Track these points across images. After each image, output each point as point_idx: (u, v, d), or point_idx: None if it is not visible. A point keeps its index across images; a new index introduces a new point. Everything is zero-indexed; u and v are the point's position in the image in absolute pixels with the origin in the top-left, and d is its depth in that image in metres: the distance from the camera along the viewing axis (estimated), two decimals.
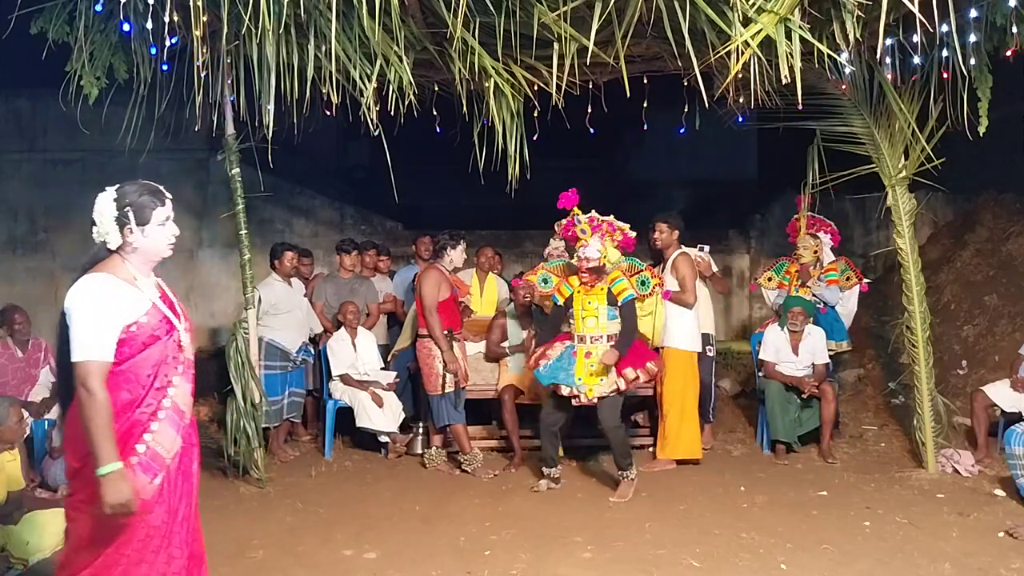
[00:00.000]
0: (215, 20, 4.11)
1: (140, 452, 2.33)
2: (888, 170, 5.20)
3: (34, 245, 7.92)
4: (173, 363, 2.43)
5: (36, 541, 3.80)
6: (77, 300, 2.31)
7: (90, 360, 2.25)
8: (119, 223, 2.40)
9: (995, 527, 4.21)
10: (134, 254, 2.44)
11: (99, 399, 2.24)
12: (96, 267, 2.40)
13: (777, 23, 3.40)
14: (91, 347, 2.26)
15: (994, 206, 7.54)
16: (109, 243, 2.41)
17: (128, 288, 2.38)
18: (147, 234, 2.44)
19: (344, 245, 6.48)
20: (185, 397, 2.46)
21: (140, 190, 2.45)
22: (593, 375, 4.77)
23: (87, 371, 2.24)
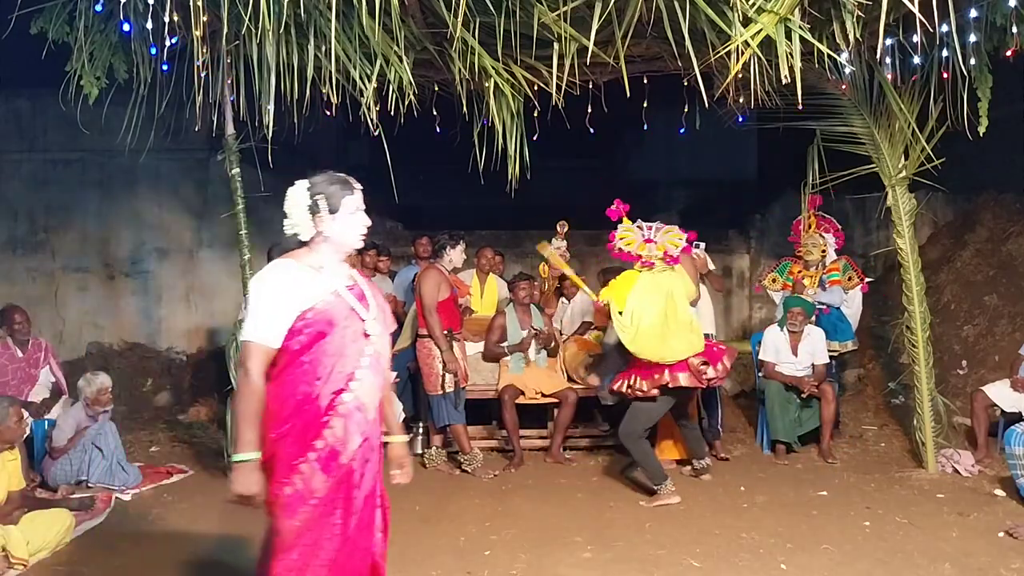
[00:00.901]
0: (215, 20, 4.11)
1: (318, 448, 2.27)
2: (888, 170, 5.20)
3: (34, 245, 7.91)
4: (356, 356, 2.36)
5: (36, 541, 3.80)
6: (255, 285, 2.33)
7: (254, 342, 2.25)
8: (311, 211, 2.40)
9: (995, 527, 4.21)
10: (325, 243, 2.43)
11: (254, 382, 2.23)
12: (288, 255, 2.42)
13: (777, 23, 3.41)
14: (257, 329, 2.25)
15: (994, 206, 7.54)
16: (301, 234, 2.41)
17: (309, 274, 2.35)
18: (338, 222, 2.44)
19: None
20: (371, 392, 2.39)
21: (330, 179, 2.48)
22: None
23: (248, 352, 2.24)
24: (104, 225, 7.95)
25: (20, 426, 4.19)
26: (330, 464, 2.28)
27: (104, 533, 4.29)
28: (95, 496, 4.74)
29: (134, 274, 7.99)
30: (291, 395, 2.26)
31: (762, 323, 7.77)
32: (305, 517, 2.26)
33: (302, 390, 2.28)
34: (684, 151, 9.95)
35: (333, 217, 2.42)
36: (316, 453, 2.26)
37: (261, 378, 2.24)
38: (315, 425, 2.28)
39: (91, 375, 5.34)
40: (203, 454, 5.82)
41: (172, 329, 8.02)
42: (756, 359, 6.17)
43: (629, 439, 4.85)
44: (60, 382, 5.75)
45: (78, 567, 3.79)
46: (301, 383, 2.28)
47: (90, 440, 5.01)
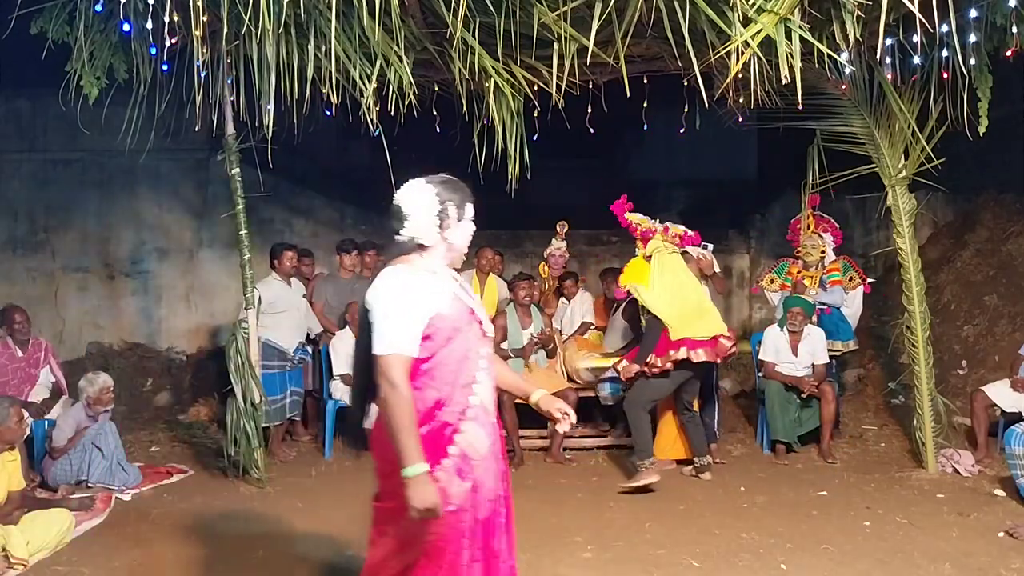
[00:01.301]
0: (215, 20, 4.11)
1: (452, 454, 2.24)
2: (888, 170, 5.20)
3: (34, 245, 7.91)
4: (477, 359, 2.33)
5: (36, 541, 3.81)
6: (381, 294, 2.26)
7: (395, 353, 2.18)
8: (440, 217, 2.35)
9: (995, 527, 4.21)
10: (442, 249, 2.39)
11: (403, 393, 2.16)
12: (398, 260, 2.35)
13: (777, 23, 3.41)
14: (395, 340, 2.19)
15: (994, 206, 7.53)
16: (423, 239, 2.35)
17: (431, 279, 2.31)
18: (460, 229, 2.40)
19: (344, 245, 6.47)
20: (491, 394, 2.37)
21: (453, 185, 2.41)
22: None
23: (390, 364, 2.17)
24: (104, 225, 7.95)
25: (20, 426, 4.19)
26: (464, 469, 2.25)
27: (104, 533, 4.29)
28: (95, 496, 4.74)
29: (134, 274, 7.99)
30: (422, 402, 2.23)
31: (762, 323, 7.77)
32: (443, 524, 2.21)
33: (432, 396, 2.24)
34: (684, 151, 9.93)
35: (459, 224, 2.39)
36: (451, 459, 2.23)
37: (408, 387, 2.18)
38: (448, 431, 2.25)
39: (92, 375, 5.34)
40: (203, 454, 5.82)
41: (172, 329, 8.02)
42: (756, 359, 6.17)
43: (632, 406, 5.08)
44: (60, 382, 5.75)
45: (78, 567, 3.79)
46: (431, 389, 2.24)
47: (90, 440, 5.01)
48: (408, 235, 2.35)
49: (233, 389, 4.91)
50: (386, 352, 2.18)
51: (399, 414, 2.16)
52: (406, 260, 2.35)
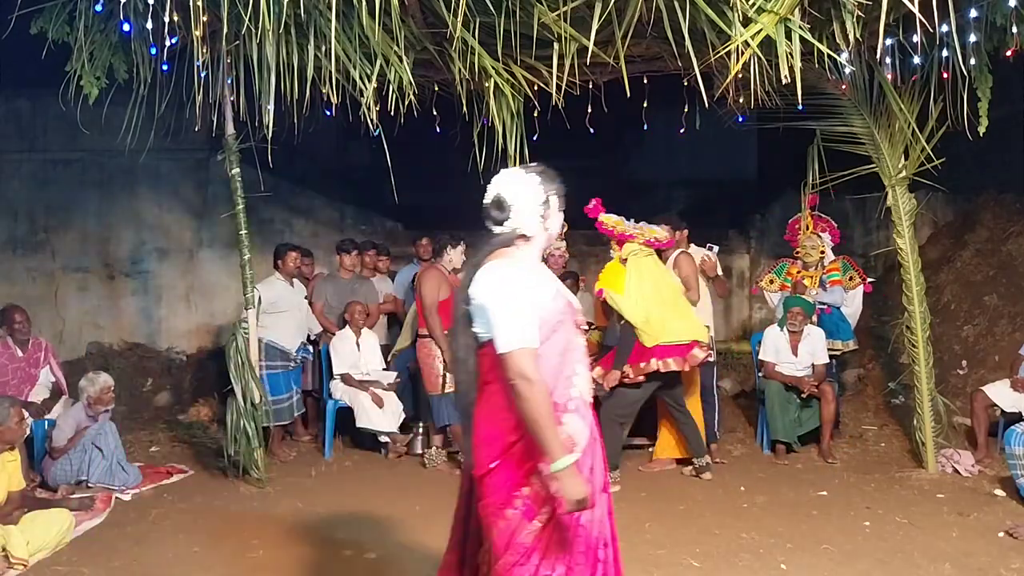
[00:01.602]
0: (215, 20, 4.11)
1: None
2: (888, 170, 5.20)
3: (34, 245, 7.91)
4: (576, 350, 2.30)
5: (36, 541, 3.80)
6: (495, 290, 2.19)
7: (523, 347, 2.12)
8: (543, 208, 2.32)
9: (995, 527, 4.21)
10: (541, 241, 2.36)
11: (541, 385, 2.10)
12: (497, 254, 2.28)
13: (777, 23, 3.41)
14: (520, 335, 2.13)
15: (994, 206, 7.54)
16: (527, 230, 2.30)
17: (535, 272, 2.30)
18: (556, 219, 2.37)
19: (344, 245, 6.47)
20: (588, 387, 2.33)
21: (549, 173, 2.37)
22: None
23: (521, 359, 2.11)
24: (104, 225, 7.95)
25: (21, 427, 4.19)
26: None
27: (104, 533, 4.29)
28: (95, 496, 4.74)
29: (134, 274, 7.99)
30: None
31: (762, 323, 7.77)
32: (545, 518, 2.17)
33: None
34: (684, 151, 9.94)
35: (557, 215, 2.36)
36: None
37: (544, 380, 2.13)
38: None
39: (93, 375, 5.34)
40: (203, 454, 5.82)
41: (172, 329, 8.02)
42: (756, 359, 6.17)
43: (605, 419, 4.92)
44: (60, 382, 5.75)
45: (78, 567, 3.79)
46: None
47: (90, 440, 5.01)
48: (511, 226, 2.30)
49: (233, 389, 4.91)
50: (514, 347, 2.12)
51: (539, 407, 2.10)
52: (507, 253, 2.28)
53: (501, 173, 2.38)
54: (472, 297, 2.23)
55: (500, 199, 2.31)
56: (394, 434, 5.84)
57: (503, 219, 2.31)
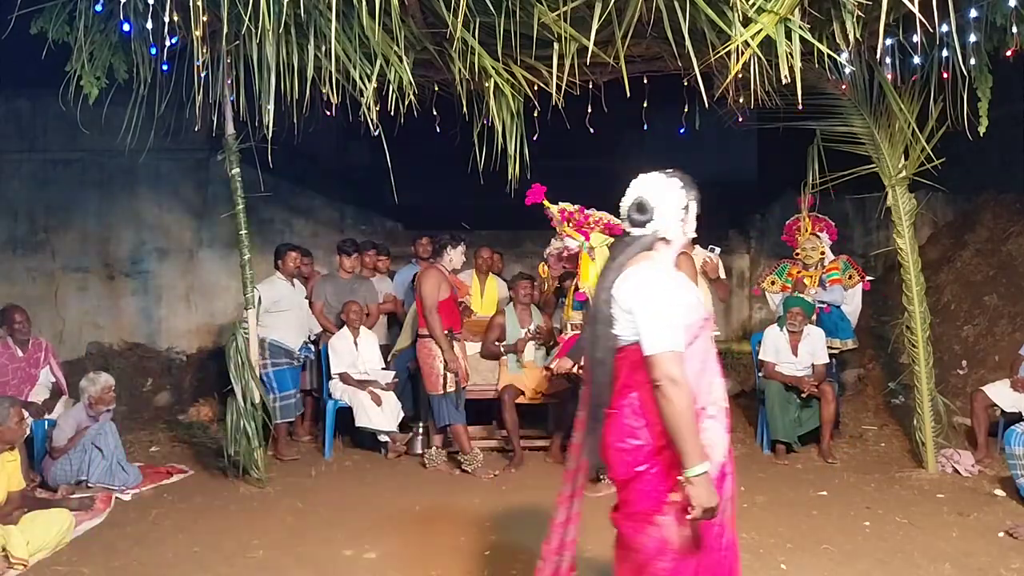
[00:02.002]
0: (215, 20, 4.11)
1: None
2: (888, 170, 5.20)
3: (34, 245, 7.91)
4: (713, 358, 2.31)
5: (36, 541, 3.81)
6: (643, 293, 2.20)
7: (671, 351, 2.13)
8: (683, 212, 2.36)
9: (995, 527, 4.21)
10: (678, 244, 2.39)
11: (687, 389, 2.12)
12: (640, 257, 2.31)
13: (777, 23, 3.40)
14: (668, 337, 2.14)
15: (994, 206, 7.53)
16: (667, 233, 2.34)
17: (676, 277, 2.32)
18: (692, 225, 2.41)
19: (346, 246, 6.46)
20: (724, 392, 2.33)
21: (691, 182, 2.42)
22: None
23: (668, 361, 2.12)
24: (104, 225, 7.95)
25: (21, 427, 4.19)
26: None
27: (104, 533, 4.29)
28: (95, 496, 4.74)
29: (134, 274, 7.99)
30: None
31: (762, 323, 7.77)
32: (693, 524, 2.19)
33: None
34: (684, 151, 9.94)
35: (693, 220, 2.40)
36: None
37: (689, 384, 2.14)
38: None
39: (94, 375, 5.34)
40: (203, 454, 5.82)
41: (172, 329, 8.02)
42: (756, 359, 6.17)
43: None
44: (60, 382, 5.76)
45: (78, 567, 3.79)
46: None
47: (90, 440, 5.01)
48: (652, 228, 2.33)
49: (233, 389, 4.91)
50: (662, 350, 2.14)
51: (684, 411, 2.11)
52: (648, 256, 2.31)
53: (643, 176, 2.43)
54: (616, 299, 2.24)
55: (643, 202, 2.34)
56: (393, 433, 5.84)
57: (645, 221, 2.33)
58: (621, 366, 2.26)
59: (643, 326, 2.18)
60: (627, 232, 2.37)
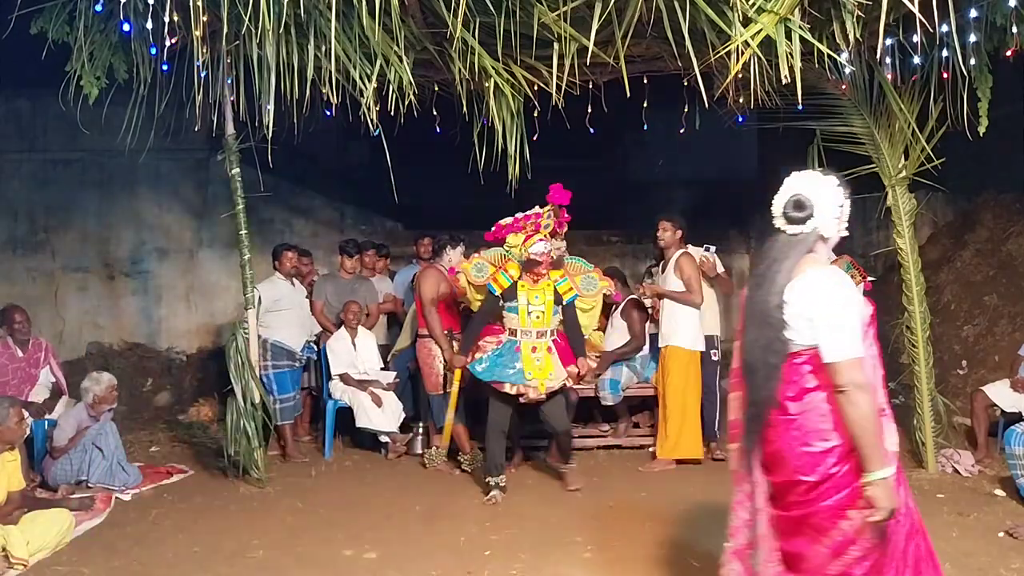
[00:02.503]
0: (215, 20, 4.11)
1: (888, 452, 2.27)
2: (888, 170, 5.20)
3: (34, 245, 7.92)
4: (875, 353, 2.34)
5: (36, 541, 3.80)
6: (823, 298, 2.23)
7: (855, 357, 2.19)
8: (840, 211, 2.39)
9: (995, 527, 4.21)
10: (832, 243, 2.44)
11: (872, 393, 2.18)
12: (807, 260, 2.33)
13: (777, 23, 3.41)
14: (852, 344, 2.19)
15: (994, 206, 7.53)
16: (825, 231, 2.37)
17: (841, 274, 2.35)
18: (844, 226, 2.44)
19: (348, 247, 6.46)
20: (881, 391, 2.36)
21: (844, 182, 2.44)
22: (542, 370, 4.79)
23: (854, 368, 2.18)
24: (104, 225, 7.95)
25: (20, 426, 4.19)
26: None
27: (104, 533, 4.29)
28: (95, 496, 4.74)
29: (134, 274, 8.00)
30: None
31: None
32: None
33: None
34: (684, 151, 9.95)
35: (845, 220, 2.44)
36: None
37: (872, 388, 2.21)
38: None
39: (96, 374, 5.34)
40: (203, 454, 5.82)
41: (172, 329, 8.02)
42: None
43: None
44: (60, 382, 5.76)
45: (78, 567, 3.79)
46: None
47: (90, 440, 5.01)
48: (812, 226, 2.35)
49: (233, 389, 4.91)
50: (846, 357, 2.18)
51: (870, 415, 2.17)
52: (813, 259, 2.34)
53: (797, 174, 2.46)
54: (791, 303, 2.26)
55: (801, 199, 2.36)
56: (394, 434, 5.84)
57: (804, 218, 2.35)
58: (795, 370, 2.28)
59: (825, 333, 2.21)
60: (781, 231, 2.38)
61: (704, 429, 5.57)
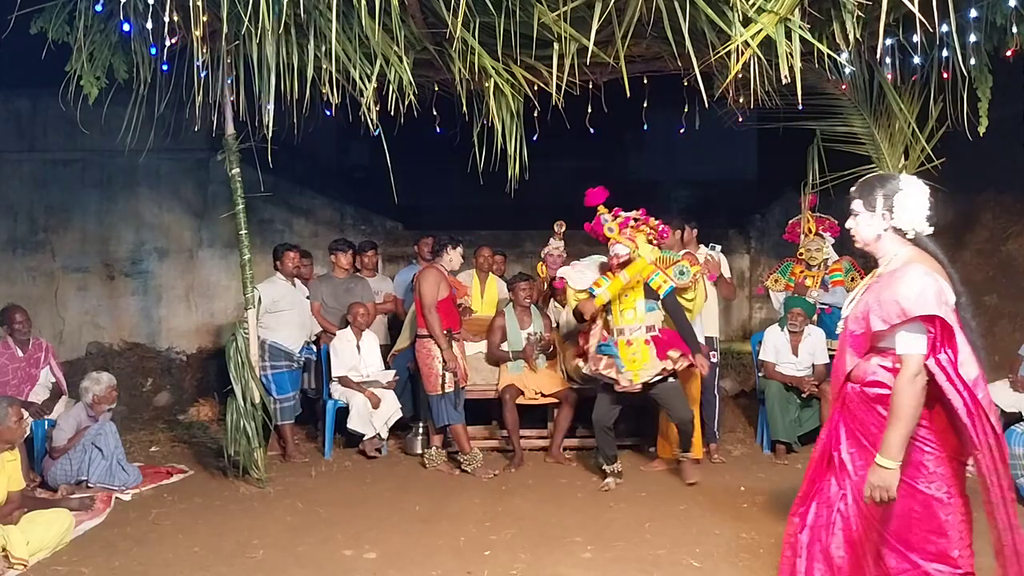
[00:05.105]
0: (215, 20, 4.11)
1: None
2: (888, 170, 5.20)
3: (34, 245, 7.91)
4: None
5: (36, 541, 3.81)
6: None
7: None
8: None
9: None
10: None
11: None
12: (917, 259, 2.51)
13: (777, 23, 3.41)
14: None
15: (994, 206, 7.52)
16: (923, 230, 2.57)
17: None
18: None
19: (339, 245, 6.46)
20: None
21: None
22: (636, 362, 4.88)
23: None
24: (104, 225, 7.95)
25: (20, 426, 4.19)
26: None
27: (104, 533, 4.29)
28: (95, 496, 4.74)
29: (134, 274, 7.99)
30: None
31: (762, 323, 7.77)
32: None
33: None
34: (684, 151, 9.94)
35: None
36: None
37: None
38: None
39: (96, 374, 5.34)
40: (203, 454, 5.82)
41: (172, 329, 8.02)
42: (756, 359, 6.17)
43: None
44: (60, 382, 5.76)
45: (78, 567, 3.79)
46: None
47: (90, 440, 5.01)
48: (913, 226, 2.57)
49: (233, 389, 4.91)
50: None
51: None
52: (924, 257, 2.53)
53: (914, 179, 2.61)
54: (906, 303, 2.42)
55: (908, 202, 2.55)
56: (375, 439, 5.80)
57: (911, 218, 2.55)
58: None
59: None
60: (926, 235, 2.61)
61: (704, 429, 5.57)
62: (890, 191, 2.56)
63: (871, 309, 2.48)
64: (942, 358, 2.40)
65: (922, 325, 2.39)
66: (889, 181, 2.61)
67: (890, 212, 2.55)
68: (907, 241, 2.57)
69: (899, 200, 2.54)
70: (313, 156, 8.67)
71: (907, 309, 2.38)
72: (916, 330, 2.39)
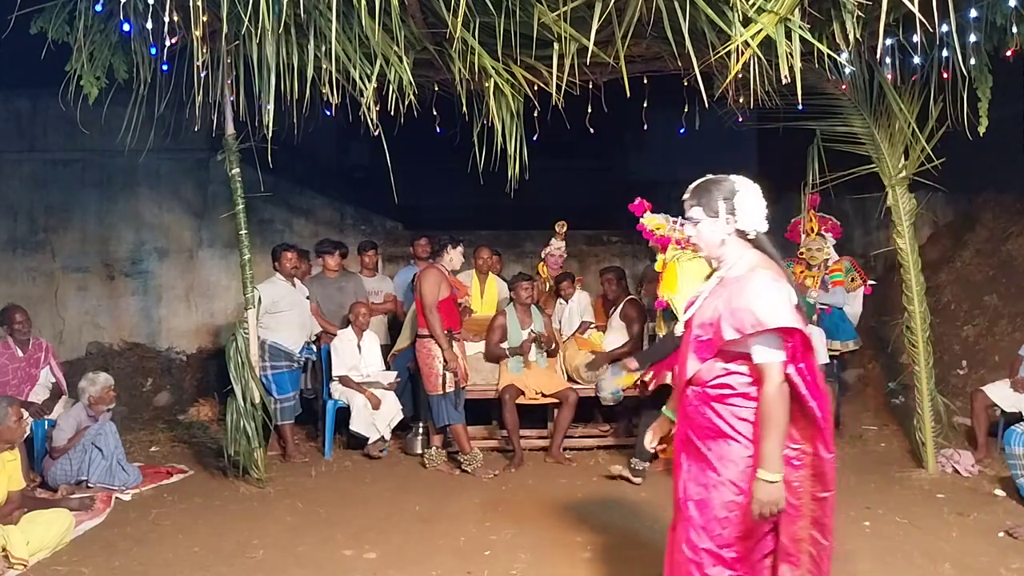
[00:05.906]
0: (215, 20, 4.11)
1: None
2: (888, 170, 5.20)
3: (34, 245, 7.91)
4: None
5: (36, 541, 3.81)
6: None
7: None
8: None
9: (995, 527, 4.21)
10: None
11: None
12: (762, 264, 2.49)
13: (777, 23, 3.40)
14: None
15: (994, 206, 7.53)
16: (762, 229, 2.54)
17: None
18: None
19: (324, 247, 6.48)
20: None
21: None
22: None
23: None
24: (104, 225, 7.95)
25: (20, 426, 4.19)
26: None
27: (104, 533, 4.29)
28: (95, 496, 4.74)
29: (134, 274, 7.99)
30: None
31: None
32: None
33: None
34: (684, 151, 9.95)
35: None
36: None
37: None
38: None
39: (93, 375, 5.34)
40: (203, 454, 5.82)
41: (172, 329, 8.02)
42: None
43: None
44: (60, 382, 5.76)
45: (78, 567, 3.79)
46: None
47: (90, 440, 5.01)
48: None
49: (233, 389, 4.91)
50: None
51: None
52: (763, 264, 2.49)
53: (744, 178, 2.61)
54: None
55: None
56: (378, 442, 5.80)
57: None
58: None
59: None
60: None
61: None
62: (729, 193, 2.50)
63: (722, 317, 2.39)
64: (803, 367, 2.38)
65: (779, 337, 2.34)
66: (724, 183, 2.55)
67: (732, 215, 2.47)
68: (748, 243, 2.49)
69: (739, 202, 2.47)
70: (313, 156, 8.68)
71: (763, 320, 2.32)
72: (772, 340, 2.34)
